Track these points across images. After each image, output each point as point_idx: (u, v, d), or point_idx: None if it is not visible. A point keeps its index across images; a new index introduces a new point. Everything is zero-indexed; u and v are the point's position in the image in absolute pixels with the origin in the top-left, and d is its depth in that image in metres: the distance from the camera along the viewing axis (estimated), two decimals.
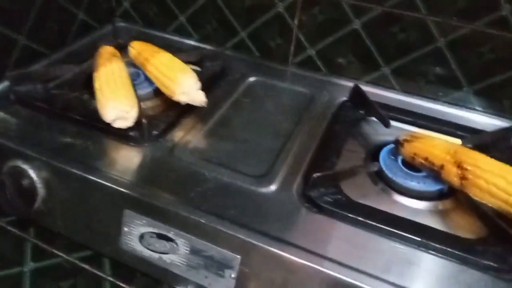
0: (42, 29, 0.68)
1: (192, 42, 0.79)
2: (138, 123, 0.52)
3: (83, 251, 0.52)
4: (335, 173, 0.48)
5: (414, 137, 0.50)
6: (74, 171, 0.48)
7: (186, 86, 0.56)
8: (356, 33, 0.66)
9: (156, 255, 0.46)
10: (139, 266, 0.48)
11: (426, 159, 0.48)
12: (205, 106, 0.56)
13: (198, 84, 0.57)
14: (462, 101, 0.65)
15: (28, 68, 0.65)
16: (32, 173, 0.49)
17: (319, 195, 0.46)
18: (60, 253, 0.52)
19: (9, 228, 0.55)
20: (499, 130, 0.59)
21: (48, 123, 0.54)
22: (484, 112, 0.64)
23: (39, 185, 0.49)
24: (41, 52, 0.69)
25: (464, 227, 0.47)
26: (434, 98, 0.67)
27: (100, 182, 0.46)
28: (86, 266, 0.51)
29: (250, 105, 0.63)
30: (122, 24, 0.83)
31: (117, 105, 0.50)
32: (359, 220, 0.44)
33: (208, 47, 0.76)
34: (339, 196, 0.46)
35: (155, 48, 0.63)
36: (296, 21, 0.69)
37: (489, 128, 0.61)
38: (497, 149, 0.55)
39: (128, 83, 0.55)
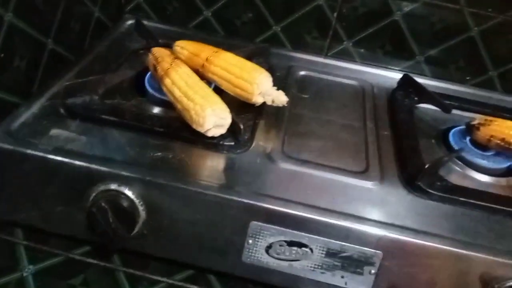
0: (67, 31, 0.60)
1: (217, 39, 0.75)
2: (231, 130, 0.49)
3: (184, 272, 0.49)
4: (435, 162, 0.50)
5: (488, 120, 0.55)
6: (186, 187, 0.44)
7: (265, 87, 0.54)
8: (396, 24, 0.69)
9: (285, 263, 0.45)
10: (262, 278, 0.46)
11: (503, 139, 0.54)
12: (286, 105, 0.55)
13: (272, 83, 0.55)
14: (487, 84, 0.72)
15: (59, 77, 0.57)
16: (131, 195, 0.44)
17: (428, 183, 0.49)
18: (159, 278, 0.48)
19: (90, 260, 0.49)
20: None
21: (123, 137, 0.49)
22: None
23: (140, 207, 0.44)
24: (65, 56, 0.61)
25: None
26: (462, 82, 0.73)
27: (220, 197, 0.44)
28: (195, 287, 0.48)
29: (310, 101, 0.63)
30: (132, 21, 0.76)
31: (216, 112, 0.47)
32: (470, 202, 0.48)
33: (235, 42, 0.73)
34: (445, 183, 0.49)
35: (212, 47, 0.59)
36: (335, 14, 0.70)
37: None
38: None
39: (209, 87, 0.52)
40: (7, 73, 0.50)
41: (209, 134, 0.48)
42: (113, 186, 0.44)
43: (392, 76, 0.72)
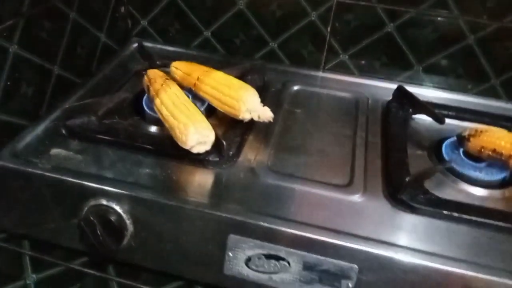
0: (73, 57, 0.65)
1: (216, 57, 0.78)
2: (216, 146, 0.52)
3: (173, 283, 0.51)
4: (420, 174, 0.50)
5: (478, 131, 0.54)
6: (167, 202, 0.46)
7: (251, 104, 0.56)
8: (390, 36, 0.69)
9: (265, 276, 0.46)
10: None
11: (494, 150, 0.52)
12: (272, 121, 0.57)
13: (259, 100, 0.57)
14: (490, 92, 0.70)
15: (65, 100, 0.62)
16: (119, 210, 0.47)
17: (411, 197, 0.48)
18: None
19: (86, 270, 0.52)
20: None
21: (116, 155, 0.52)
22: None
23: (128, 221, 0.47)
24: (72, 80, 0.66)
25: None
26: (463, 91, 0.72)
27: (200, 211, 0.46)
28: None
29: (302, 115, 0.64)
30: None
31: (198, 130, 0.49)
32: (454, 216, 0.47)
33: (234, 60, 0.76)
34: (429, 196, 0.49)
35: (203, 67, 0.62)
36: (329, 28, 0.71)
37: None
38: None
39: (195, 106, 0.54)
40: (15, 99, 0.55)
41: (194, 151, 0.50)
42: (103, 202, 0.47)
43: (391, 87, 0.71)
